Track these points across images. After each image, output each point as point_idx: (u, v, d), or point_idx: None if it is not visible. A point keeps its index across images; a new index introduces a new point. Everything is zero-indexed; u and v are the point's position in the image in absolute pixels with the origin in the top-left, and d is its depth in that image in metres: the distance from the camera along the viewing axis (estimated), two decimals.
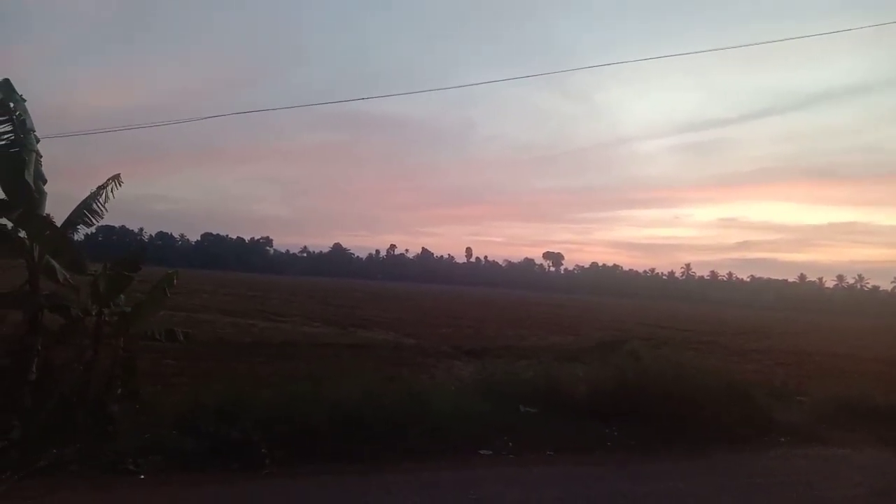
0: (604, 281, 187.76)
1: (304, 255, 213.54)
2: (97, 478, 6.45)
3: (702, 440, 9.49)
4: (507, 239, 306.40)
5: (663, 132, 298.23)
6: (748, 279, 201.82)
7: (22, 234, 7.65)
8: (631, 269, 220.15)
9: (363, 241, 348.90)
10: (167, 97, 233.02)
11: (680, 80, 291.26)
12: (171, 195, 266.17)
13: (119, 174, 8.87)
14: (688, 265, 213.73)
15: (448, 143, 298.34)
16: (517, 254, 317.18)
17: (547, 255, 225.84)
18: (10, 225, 7.73)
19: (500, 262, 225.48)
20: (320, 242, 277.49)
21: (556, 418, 9.78)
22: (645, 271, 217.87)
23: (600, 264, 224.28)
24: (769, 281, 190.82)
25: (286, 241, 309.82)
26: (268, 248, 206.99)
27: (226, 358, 17.74)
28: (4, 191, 7.56)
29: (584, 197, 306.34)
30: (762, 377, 17.14)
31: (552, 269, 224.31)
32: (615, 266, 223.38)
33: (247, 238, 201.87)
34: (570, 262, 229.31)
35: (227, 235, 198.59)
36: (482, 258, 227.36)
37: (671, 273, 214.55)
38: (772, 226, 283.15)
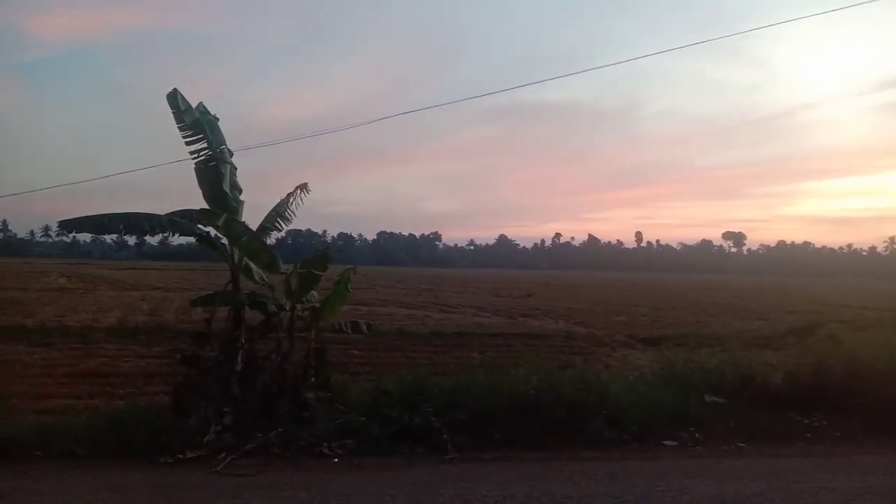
0: (793, 260, 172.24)
1: (471, 247, 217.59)
2: (297, 459, 7.00)
3: None
4: (680, 220, 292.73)
5: (856, 91, 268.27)
6: None
7: (224, 239, 8.49)
8: (824, 246, 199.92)
9: (528, 231, 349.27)
10: (341, 105, 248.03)
11: (875, 30, 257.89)
12: (350, 198, 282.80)
13: (306, 183, 9.58)
14: (892, 238, 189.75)
15: (612, 124, 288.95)
16: (693, 235, 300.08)
17: (727, 235, 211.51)
18: (213, 232, 8.62)
19: (674, 245, 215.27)
20: (486, 235, 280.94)
21: (747, 408, 9.13)
22: (840, 247, 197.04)
23: (788, 242, 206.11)
24: None
25: (454, 234, 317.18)
26: (437, 242, 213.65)
27: (405, 348, 18.62)
28: (207, 201, 8.44)
29: (767, 170, 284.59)
30: None
31: (733, 249, 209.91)
32: (805, 243, 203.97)
33: (417, 234, 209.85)
34: (753, 242, 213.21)
35: (400, 232, 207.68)
36: (654, 242, 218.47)
37: (872, 248, 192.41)
38: None
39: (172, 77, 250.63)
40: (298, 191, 9.49)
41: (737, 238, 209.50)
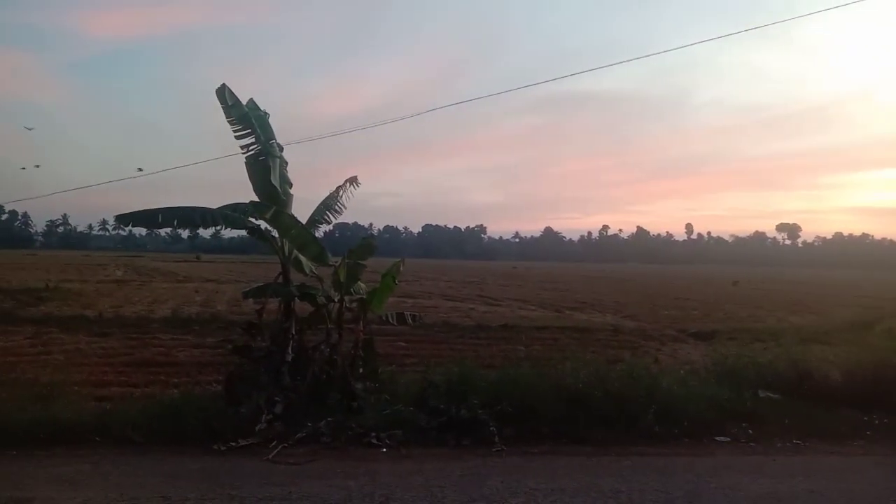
0: (851, 253, 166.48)
1: (517, 240, 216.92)
2: (346, 449, 7.09)
3: None
4: (731, 212, 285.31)
5: None
6: None
7: (274, 232, 8.63)
8: (884, 238, 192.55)
9: (574, 224, 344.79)
10: (388, 98, 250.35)
11: None
12: (395, 190, 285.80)
13: (356, 176, 9.67)
14: None
15: (659, 114, 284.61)
16: (745, 227, 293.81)
17: (781, 227, 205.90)
18: (263, 225, 8.77)
19: (726, 237, 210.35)
20: (531, 227, 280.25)
21: (803, 405, 8.86)
22: None
23: (845, 234, 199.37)
24: None
25: (499, 227, 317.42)
26: (482, 235, 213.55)
27: (450, 340, 18.64)
28: (257, 195, 8.58)
29: (822, 159, 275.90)
30: None
31: (787, 241, 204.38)
32: (864, 235, 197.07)
33: (462, 227, 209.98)
34: (808, 234, 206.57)
35: (445, 225, 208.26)
36: (704, 234, 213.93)
37: None
38: None
39: (223, 72, 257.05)
40: (348, 184, 9.59)
41: (791, 230, 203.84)
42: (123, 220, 8.22)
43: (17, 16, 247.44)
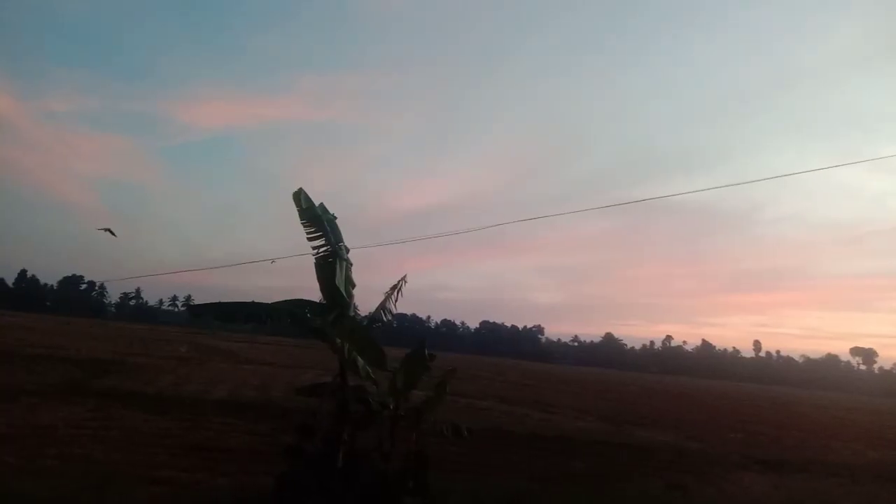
0: None
1: (575, 343, 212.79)
2: None
3: None
4: (803, 331, 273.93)
5: None
6: None
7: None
8: None
9: (637, 332, 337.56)
10: (459, 195, 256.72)
11: None
12: (457, 284, 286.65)
13: (406, 275, 9.88)
14: None
15: (733, 225, 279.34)
16: (817, 348, 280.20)
17: (855, 351, 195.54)
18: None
19: (796, 357, 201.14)
20: (592, 332, 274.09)
21: None
22: None
23: None
24: None
25: (557, 329, 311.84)
26: (539, 335, 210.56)
27: (503, 448, 18.07)
28: (323, 295, 8.77)
29: None
30: None
31: (862, 366, 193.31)
32: None
33: (520, 326, 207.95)
34: (885, 360, 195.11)
35: (503, 323, 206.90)
36: (773, 352, 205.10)
37: None
38: None
39: (308, 165, 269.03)
40: (401, 283, 9.77)
41: (867, 354, 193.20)
42: (195, 310, 8.49)
43: (119, 104, 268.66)
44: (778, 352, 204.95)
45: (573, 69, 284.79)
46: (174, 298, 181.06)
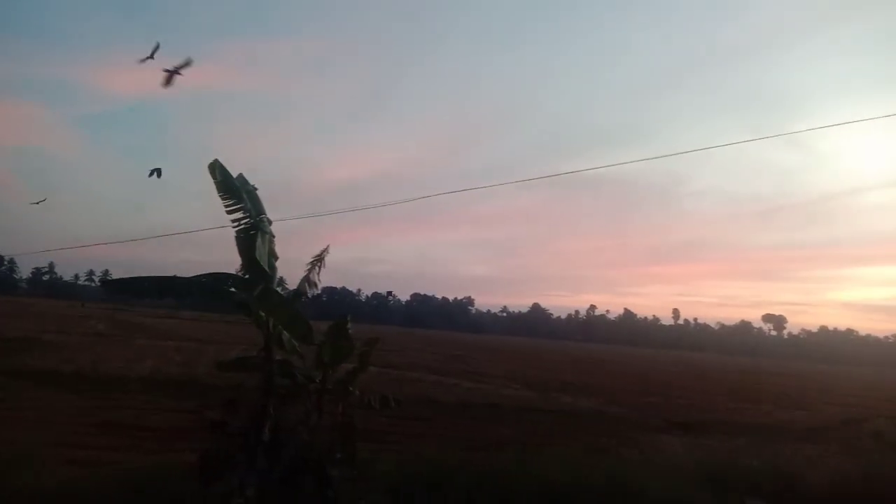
0: (836, 347, 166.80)
1: (504, 314, 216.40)
2: None
3: None
4: (720, 300, 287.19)
5: None
6: None
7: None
8: (869, 334, 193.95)
9: (563, 301, 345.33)
10: (388, 166, 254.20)
11: None
12: (386, 258, 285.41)
13: (328, 246, 9.74)
14: None
15: (655, 199, 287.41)
16: (731, 316, 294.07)
17: (767, 318, 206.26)
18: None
19: (712, 324, 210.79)
20: (520, 302, 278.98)
21: None
22: (886, 336, 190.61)
23: (831, 328, 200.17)
24: None
25: (487, 300, 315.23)
26: (469, 307, 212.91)
27: (433, 417, 18.31)
28: (245, 268, 8.54)
29: (811, 253, 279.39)
30: None
31: (773, 332, 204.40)
32: (849, 330, 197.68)
33: (451, 298, 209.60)
34: (794, 326, 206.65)
35: (434, 295, 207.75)
36: (691, 320, 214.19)
37: None
38: None
39: (237, 135, 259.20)
40: (324, 254, 9.62)
41: (777, 321, 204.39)
42: (109, 286, 8.16)
43: (30, 70, 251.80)
44: (695, 319, 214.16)
45: (508, 44, 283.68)
46: (91, 273, 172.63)
